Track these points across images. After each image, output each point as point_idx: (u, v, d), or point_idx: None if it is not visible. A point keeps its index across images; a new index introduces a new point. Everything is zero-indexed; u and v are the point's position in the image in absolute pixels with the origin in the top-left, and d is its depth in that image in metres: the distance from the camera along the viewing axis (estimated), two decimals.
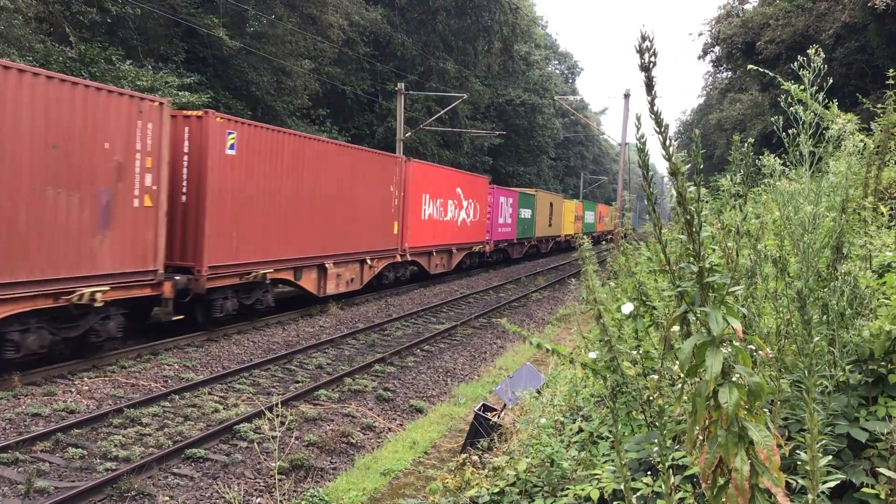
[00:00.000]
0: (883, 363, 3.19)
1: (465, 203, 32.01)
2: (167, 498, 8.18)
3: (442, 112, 41.27)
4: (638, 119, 1.99)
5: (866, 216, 3.91)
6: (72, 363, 12.84)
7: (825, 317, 3.15)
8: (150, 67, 23.97)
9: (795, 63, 3.01)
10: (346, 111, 42.46)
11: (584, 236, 4.21)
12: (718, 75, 50.41)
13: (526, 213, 44.10)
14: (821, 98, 3.05)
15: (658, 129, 1.86)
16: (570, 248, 56.65)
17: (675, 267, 2.03)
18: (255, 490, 8.64)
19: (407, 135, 36.66)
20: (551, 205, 51.48)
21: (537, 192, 48.32)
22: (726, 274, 1.92)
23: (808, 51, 2.84)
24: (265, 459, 9.39)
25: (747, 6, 33.16)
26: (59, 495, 7.72)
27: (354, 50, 39.89)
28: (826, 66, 3.19)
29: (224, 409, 11.26)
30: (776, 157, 3.76)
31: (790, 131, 3.12)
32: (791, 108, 3.19)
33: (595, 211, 74.21)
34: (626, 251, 4.69)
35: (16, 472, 8.47)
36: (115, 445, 9.42)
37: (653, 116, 1.88)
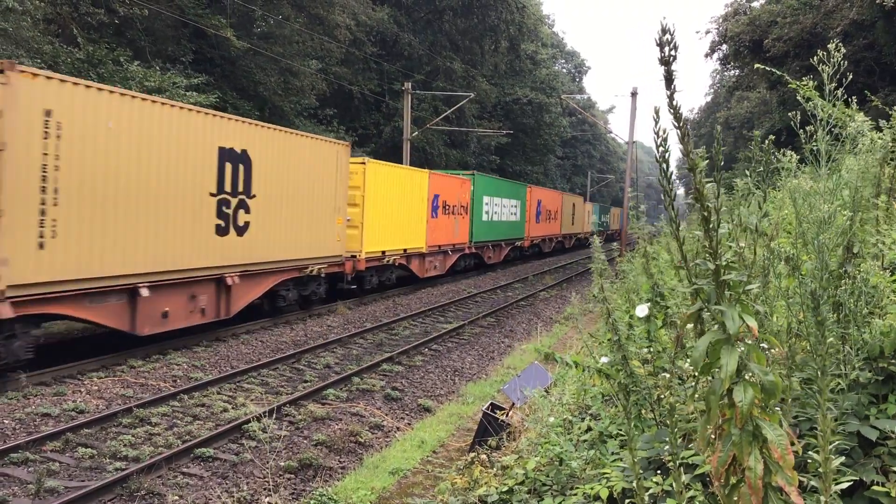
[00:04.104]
0: (893, 361, 3.18)
1: None
2: (177, 497, 8.19)
3: (449, 111, 41.31)
4: (656, 112, 1.97)
5: (879, 215, 3.89)
6: (81, 363, 12.88)
7: (837, 315, 3.13)
8: (157, 68, 24.02)
9: (815, 58, 3.00)
10: (353, 111, 42.51)
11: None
12: (726, 73, 50.27)
13: None
14: (839, 94, 3.03)
15: (677, 124, 1.84)
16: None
17: (692, 264, 2.03)
18: (264, 489, 8.65)
19: (414, 134, 36.67)
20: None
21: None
22: (742, 272, 1.91)
23: (829, 45, 2.82)
24: (274, 458, 9.40)
25: (755, 4, 33.09)
26: (68, 495, 7.74)
27: (361, 50, 39.92)
28: (824, 64, 3.18)
29: (233, 408, 11.28)
30: (792, 154, 3.74)
31: (807, 128, 3.11)
32: (809, 104, 3.17)
33: (523, 200, 41.01)
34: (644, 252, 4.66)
35: (26, 471, 8.50)
36: (125, 445, 9.45)
37: (672, 111, 1.86)
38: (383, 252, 23.73)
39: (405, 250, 25.56)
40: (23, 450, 8.97)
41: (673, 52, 1.86)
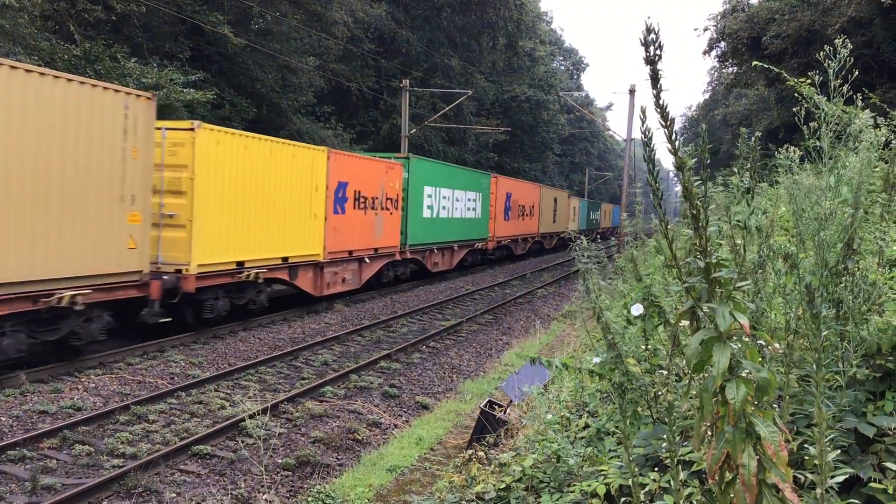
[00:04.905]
0: (890, 358, 3.18)
1: None
2: (174, 494, 8.19)
3: (447, 108, 41.23)
4: (643, 112, 1.97)
5: (882, 212, 3.88)
6: (79, 360, 12.86)
7: (836, 311, 3.13)
8: (154, 65, 23.99)
9: (821, 53, 2.98)
10: (351, 108, 42.47)
11: None
12: (724, 70, 50.19)
13: None
14: (845, 90, 3.02)
15: (664, 123, 1.84)
16: None
17: (683, 262, 2.02)
18: (262, 486, 8.65)
19: (412, 131, 36.63)
20: None
21: None
22: (733, 269, 1.91)
23: (836, 41, 2.81)
24: (271, 456, 9.40)
25: (753, 1, 33.04)
26: (65, 492, 7.73)
27: (359, 47, 39.86)
28: (830, 60, 3.16)
29: (230, 405, 11.27)
30: (795, 150, 3.73)
31: (810, 125, 3.10)
32: (813, 100, 3.17)
33: (485, 192, 34.56)
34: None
35: (23, 469, 8.49)
36: (122, 442, 9.44)
37: (658, 110, 1.86)
38: (239, 263, 16.44)
39: (285, 259, 18.23)
40: (20, 447, 8.95)
41: (658, 52, 1.86)
